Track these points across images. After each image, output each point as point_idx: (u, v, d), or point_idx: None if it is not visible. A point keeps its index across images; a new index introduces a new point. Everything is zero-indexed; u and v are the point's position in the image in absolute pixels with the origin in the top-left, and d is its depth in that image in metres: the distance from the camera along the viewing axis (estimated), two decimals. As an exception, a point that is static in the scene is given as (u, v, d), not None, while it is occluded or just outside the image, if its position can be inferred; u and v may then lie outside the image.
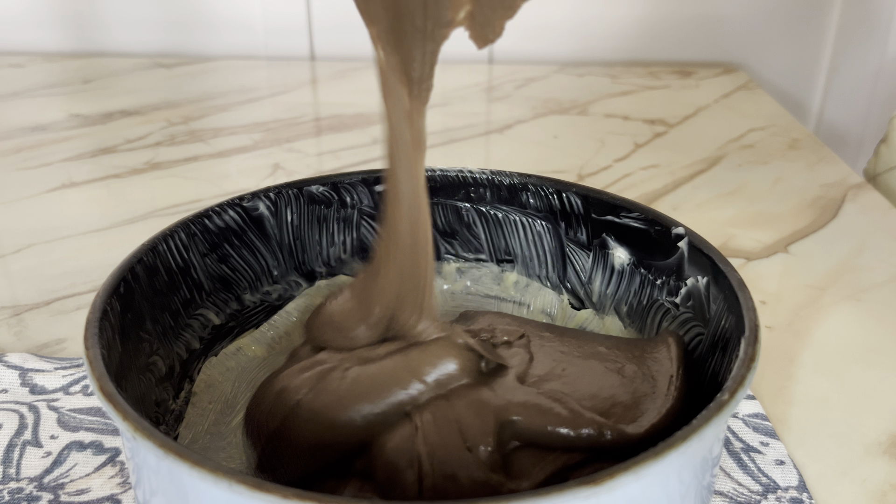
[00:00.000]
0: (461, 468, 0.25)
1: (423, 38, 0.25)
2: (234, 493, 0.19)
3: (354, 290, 0.31)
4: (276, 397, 0.28)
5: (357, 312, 0.30)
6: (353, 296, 0.31)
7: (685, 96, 0.82)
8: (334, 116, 0.75)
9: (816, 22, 0.90)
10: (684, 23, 0.91)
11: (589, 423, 0.26)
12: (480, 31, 0.25)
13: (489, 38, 0.25)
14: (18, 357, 0.39)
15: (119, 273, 0.29)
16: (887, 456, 0.34)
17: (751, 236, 0.53)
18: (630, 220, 0.34)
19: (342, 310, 0.31)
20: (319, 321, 0.32)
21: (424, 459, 0.25)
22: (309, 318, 0.33)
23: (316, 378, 0.28)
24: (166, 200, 0.57)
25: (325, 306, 0.32)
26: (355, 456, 0.27)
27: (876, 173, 0.70)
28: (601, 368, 0.30)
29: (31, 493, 0.32)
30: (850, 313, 0.45)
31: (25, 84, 0.82)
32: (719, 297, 0.29)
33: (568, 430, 0.26)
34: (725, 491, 0.32)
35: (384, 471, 0.25)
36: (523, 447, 0.27)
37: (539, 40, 0.92)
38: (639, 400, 0.28)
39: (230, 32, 0.92)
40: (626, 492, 0.20)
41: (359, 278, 0.31)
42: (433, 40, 0.25)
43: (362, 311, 0.30)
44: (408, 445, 0.26)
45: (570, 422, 0.26)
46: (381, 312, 0.30)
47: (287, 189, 0.36)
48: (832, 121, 0.94)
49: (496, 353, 0.30)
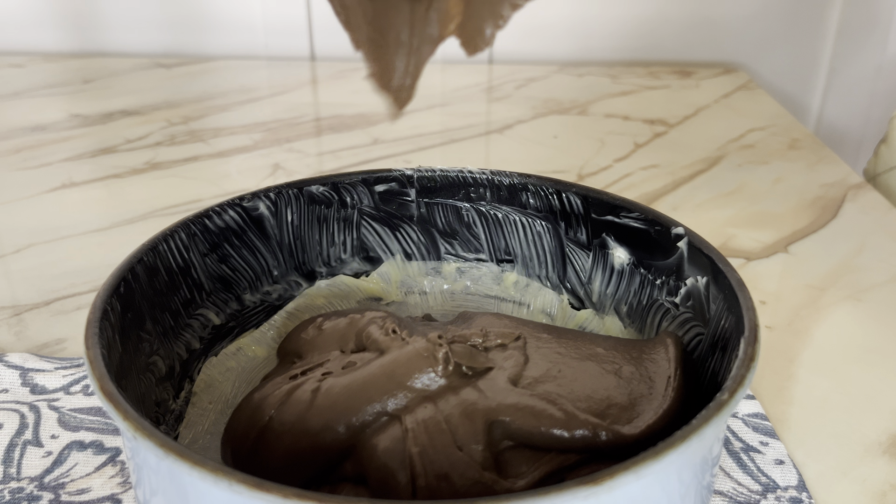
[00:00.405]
0: (453, 467, 0.25)
1: (408, 53, 0.24)
2: (234, 492, 0.19)
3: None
4: (248, 418, 0.28)
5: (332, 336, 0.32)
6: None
7: (685, 96, 0.82)
8: (334, 116, 0.75)
9: (816, 22, 0.90)
10: (684, 23, 0.91)
11: (583, 425, 0.26)
12: (470, 41, 0.24)
13: (479, 47, 0.24)
14: (19, 357, 0.39)
15: (119, 273, 0.29)
16: (887, 456, 0.34)
17: (751, 236, 0.53)
18: (630, 220, 0.34)
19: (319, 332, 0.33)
20: (296, 336, 0.33)
21: (416, 460, 0.25)
22: (283, 340, 0.34)
23: (287, 393, 0.28)
24: (166, 200, 0.57)
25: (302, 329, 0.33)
26: (341, 462, 0.27)
27: (876, 173, 0.70)
28: (598, 370, 0.29)
29: (31, 492, 0.32)
30: (850, 313, 0.45)
31: (25, 84, 0.82)
32: (719, 296, 0.29)
33: (562, 432, 0.26)
34: (725, 490, 0.32)
35: (377, 473, 0.25)
36: (517, 448, 0.27)
37: (539, 40, 0.92)
38: (635, 401, 0.28)
39: (230, 32, 0.92)
40: (626, 491, 0.20)
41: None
42: (418, 55, 0.24)
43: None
44: (399, 447, 0.26)
45: (564, 423, 0.26)
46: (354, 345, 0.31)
47: (287, 189, 0.36)
48: (832, 121, 0.94)
49: (475, 358, 0.29)
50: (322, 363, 0.30)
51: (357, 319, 0.33)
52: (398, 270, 0.39)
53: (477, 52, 0.24)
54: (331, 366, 0.30)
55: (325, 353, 0.31)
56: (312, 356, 0.32)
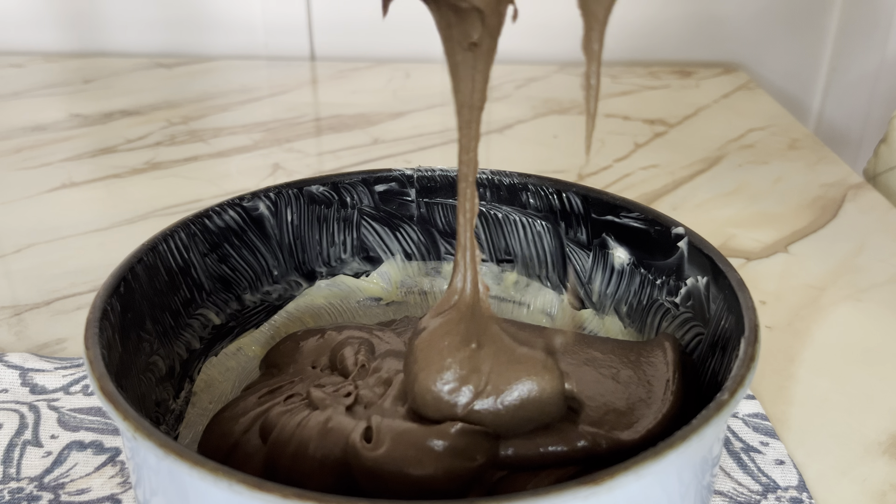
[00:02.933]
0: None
1: None
2: (234, 492, 0.19)
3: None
4: (217, 437, 0.28)
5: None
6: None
7: (685, 96, 0.82)
8: (334, 116, 0.75)
9: (816, 22, 0.90)
10: (684, 23, 0.91)
11: (582, 437, 0.26)
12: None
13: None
14: (19, 357, 0.39)
15: (119, 273, 0.29)
16: (887, 456, 0.34)
17: (751, 236, 0.53)
18: (630, 220, 0.34)
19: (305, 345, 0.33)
20: (277, 349, 0.34)
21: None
22: (266, 353, 0.34)
23: (252, 420, 0.28)
24: (166, 200, 0.57)
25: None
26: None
27: (876, 173, 0.70)
28: (595, 375, 0.29)
29: (31, 492, 0.32)
30: (849, 313, 0.45)
31: (25, 84, 0.82)
32: (719, 296, 0.29)
33: (562, 447, 0.26)
34: (725, 490, 0.32)
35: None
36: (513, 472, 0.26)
37: (539, 40, 0.92)
38: (634, 406, 0.28)
39: (230, 32, 0.92)
40: (626, 491, 0.20)
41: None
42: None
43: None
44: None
45: (564, 440, 0.26)
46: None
47: (287, 189, 0.36)
48: (832, 121, 0.94)
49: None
50: (293, 381, 0.31)
51: (333, 337, 0.33)
52: (398, 270, 0.39)
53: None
54: (298, 388, 0.30)
55: (298, 369, 0.32)
56: (288, 370, 0.32)
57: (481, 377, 0.25)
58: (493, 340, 0.26)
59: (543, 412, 0.26)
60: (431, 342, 0.26)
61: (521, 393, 0.25)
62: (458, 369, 0.25)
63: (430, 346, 0.26)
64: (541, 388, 0.25)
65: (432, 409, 0.25)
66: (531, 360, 0.26)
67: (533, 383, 0.25)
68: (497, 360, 0.26)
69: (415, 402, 0.26)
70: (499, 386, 0.25)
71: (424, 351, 0.26)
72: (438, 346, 0.26)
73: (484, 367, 0.25)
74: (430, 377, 0.25)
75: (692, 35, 0.91)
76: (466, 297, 0.27)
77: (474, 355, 0.26)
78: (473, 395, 0.25)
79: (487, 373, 0.25)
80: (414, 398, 0.26)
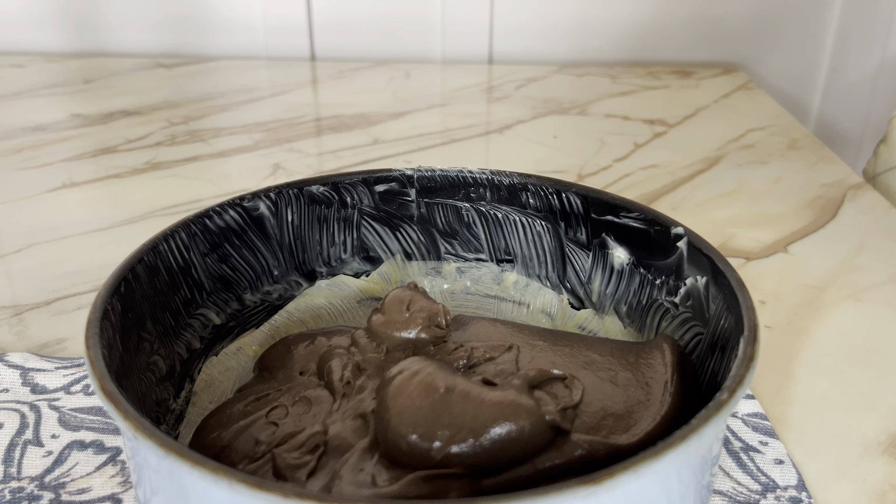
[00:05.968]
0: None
1: None
2: (234, 492, 0.19)
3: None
4: (207, 441, 0.29)
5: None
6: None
7: (685, 96, 0.82)
8: (334, 116, 0.75)
9: (816, 22, 0.90)
10: (684, 23, 0.91)
11: (578, 446, 0.26)
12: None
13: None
14: (19, 357, 0.39)
15: (120, 273, 0.29)
16: (886, 456, 0.34)
17: (750, 236, 0.53)
18: (630, 220, 0.34)
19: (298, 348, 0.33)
20: (269, 353, 0.34)
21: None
22: (260, 356, 0.34)
23: (238, 430, 0.28)
24: (166, 200, 0.57)
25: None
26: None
27: (875, 173, 0.70)
28: (593, 378, 0.29)
29: (32, 492, 0.32)
30: (849, 313, 0.45)
31: (25, 84, 0.83)
32: (718, 296, 0.29)
33: (559, 460, 0.25)
34: (725, 490, 0.32)
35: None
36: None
37: (539, 40, 0.92)
38: (632, 408, 0.28)
39: (230, 33, 0.92)
40: (626, 491, 0.20)
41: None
42: None
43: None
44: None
45: (560, 453, 0.26)
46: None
47: (287, 189, 0.36)
48: (832, 121, 0.94)
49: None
50: (280, 390, 0.31)
51: (322, 343, 0.33)
52: (398, 270, 0.39)
53: None
54: (283, 399, 0.30)
55: (287, 376, 0.32)
56: (278, 375, 0.32)
57: (454, 419, 0.25)
58: (462, 384, 0.26)
59: (529, 446, 0.25)
60: (402, 389, 0.26)
61: (500, 434, 0.25)
62: (429, 413, 0.25)
63: (399, 392, 0.26)
64: (520, 428, 0.25)
65: (407, 457, 0.25)
66: (504, 402, 0.26)
67: (511, 424, 0.25)
68: (468, 402, 0.25)
69: (388, 450, 0.25)
70: (475, 428, 0.25)
71: (395, 399, 0.26)
72: (408, 391, 0.26)
73: (456, 410, 0.25)
74: (403, 424, 0.25)
75: (692, 35, 0.91)
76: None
77: (445, 399, 0.25)
78: (448, 440, 0.25)
79: (461, 415, 0.25)
80: (387, 446, 0.25)
